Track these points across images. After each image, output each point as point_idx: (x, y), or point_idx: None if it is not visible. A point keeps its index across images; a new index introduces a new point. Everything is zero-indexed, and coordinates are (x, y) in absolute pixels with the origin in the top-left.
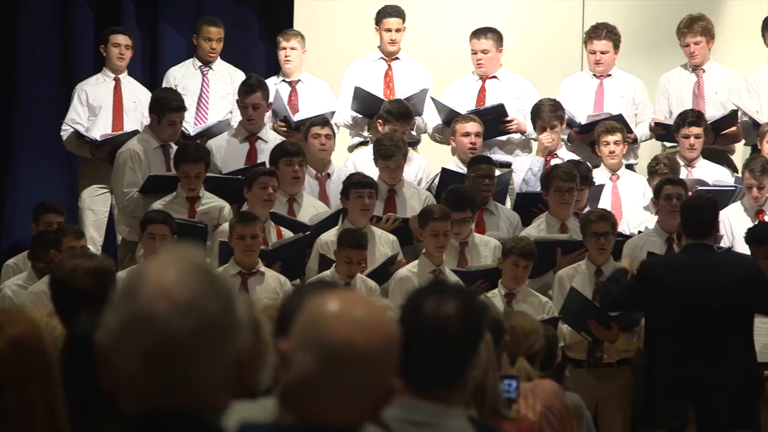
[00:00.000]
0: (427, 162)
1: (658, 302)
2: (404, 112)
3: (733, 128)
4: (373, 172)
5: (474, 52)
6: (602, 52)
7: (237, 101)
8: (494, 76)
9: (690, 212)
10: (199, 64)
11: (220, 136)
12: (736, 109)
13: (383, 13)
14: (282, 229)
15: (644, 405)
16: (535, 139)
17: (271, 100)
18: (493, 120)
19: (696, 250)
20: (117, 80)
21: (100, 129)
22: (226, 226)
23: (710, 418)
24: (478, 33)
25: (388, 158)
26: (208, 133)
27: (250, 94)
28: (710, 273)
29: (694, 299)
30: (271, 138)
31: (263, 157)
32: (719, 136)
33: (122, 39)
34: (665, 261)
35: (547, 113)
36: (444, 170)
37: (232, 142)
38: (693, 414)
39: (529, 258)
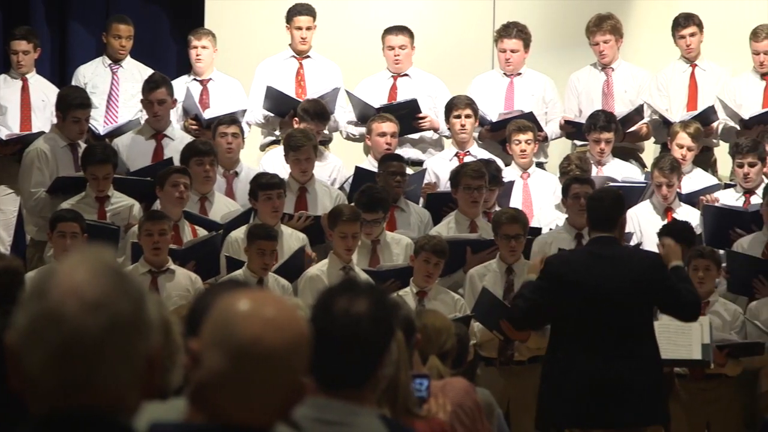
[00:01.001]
0: (342, 163)
1: (562, 297)
2: (320, 111)
3: (642, 126)
4: (285, 172)
5: (391, 48)
6: (512, 51)
7: (141, 100)
8: (406, 74)
9: (594, 205)
10: (109, 62)
11: (126, 134)
12: (642, 104)
13: (294, 12)
14: (197, 228)
15: (548, 402)
16: (447, 137)
17: (182, 98)
18: (407, 116)
19: (600, 244)
20: (24, 80)
21: (8, 129)
22: (136, 226)
23: (618, 414)
24: (394, 30)
25: (298, 149)
26: (119, 132)
27: (155, 90)
28: (613, 266)
29: (596, 293)
30: (177, 135)
31: (170, 154)
32: (628, 134)
33: (23, 45)
34: (569, 255)
35: (463, 102)
36: (357, 169)
37: (138, 139)
38: (599, 411)
39: (441, 255)
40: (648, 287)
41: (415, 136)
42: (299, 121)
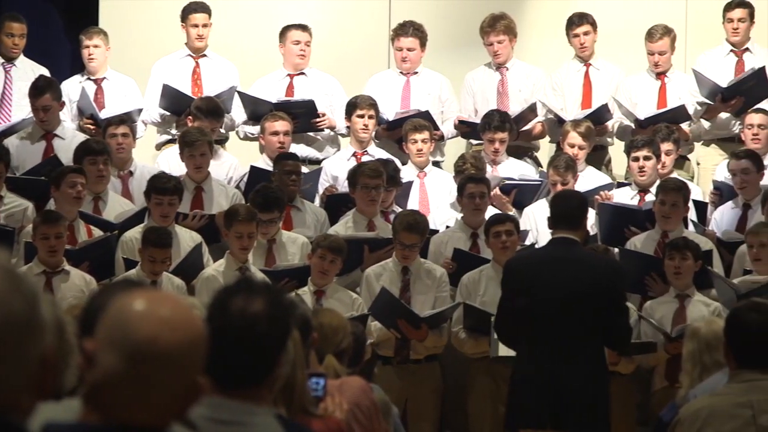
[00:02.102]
0: (238, 162)
1: (518, 298)
2: (214, 109)
3: (537, 125)
4: (181, 171)
5: (296, 42)
6: (409, 50)
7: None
8: (302, 73)
9: (559, 204)
10: (2, 60)
11: (12, 136)
12: (536, 102)
13: (189, 9)
14: (93, 228)
15: (507, 405)
16: (344, 135)
17: (76, 97)
18: (303, 115)
19: (563, 245)
20: None
21: None
22: (30, 227)
23: (566, 417)
24: (299, 26)
25: (192, 145)
26: (12, 131)
27: (39, 96)
28: (574, 270)
29: (555, 295)
30: (68, 135)
31: (62, 154)
32: (523, 133)
33: None
34: (530, 256)
35: (366, 102)
36: (252, 168)
37: (25, 142)
38: (551, 414)
39: (337, 252)
40: (604, 294)
41: (312, 134)
42: (193, 119)
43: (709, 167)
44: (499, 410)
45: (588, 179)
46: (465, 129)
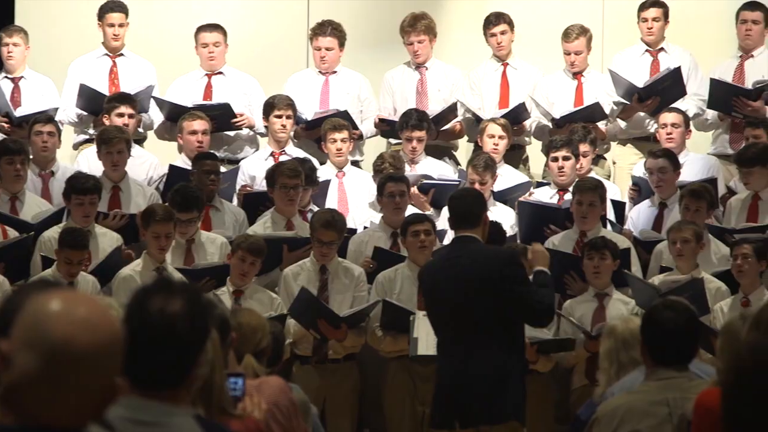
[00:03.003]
0: (158, 161)
1: (427, 299)
2: (126, 97)
3: (456, 124)
4: (100, 170)
5: (204, 45)
6: (327, 49)
7: None
8: (220, 72)
9: (457, 204)
10: None
11: None
12: (455, 102)
13: (105, 9)
14: (8, 228)
15: (433, 406)
16: (262, 134)
17: None
18: (221, 116)
19: (461, 243)
20: None
21: None
22: None
23: (476, 414)
24: (207, 27)
25: (109, 142)
26: None
27: None
28: (464, 265)
29: (451, 293)
30: None
31: None
32: (442, 132)
33: None
34: (434, 256)
35: (284, 102)
36: (171, 167)
37: None
38: (456, 411)
39: (257, 254)
40: (499, 285)
41: (231, 133)
42: (107, 112)
43: (625, 166)
44: (416, 409)
45: (506, 178)
46: (384, 128)
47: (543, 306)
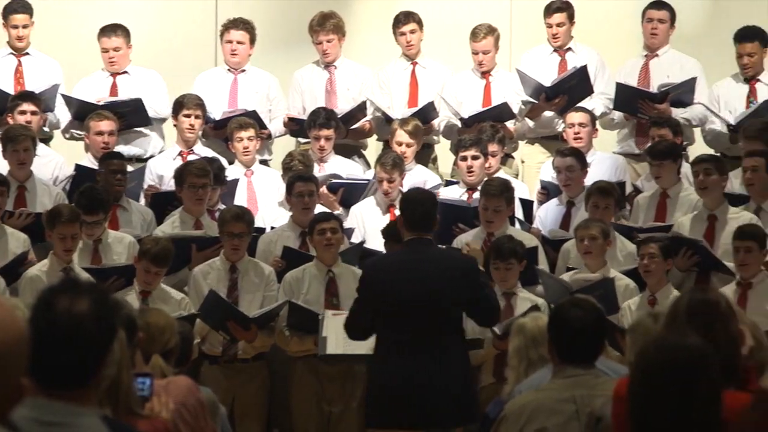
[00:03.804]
0: (64, 160)
1: (380, 300)
2: (30, 94)
3: (365, 123)
4: (5, 170)
5: (105, 50)
6: (239, 42)
7: None
8: (125, 72)
9: (412, 207)
10: None
11: None
12: (364, 101)
13: (9, 9)
14: None
15: (370, 401)
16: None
17: None
18: (133, 113)
19: (416, 245)
20: None
21: None
22: None
23: (428, 416)
24: (107, 31)
25: (15, 140)
26: None
27: None
28: (428, 269)
29: (410, 295)
30: None
31: None
32: (351, 131)
33: None
34: (385, 258)
35: (193, 101)
36: (78, 167)
37: None
38: (412, 412)
39: (162, 264)
40: (459, 290)
41: (140, 131)
42: (10, 111)
43: (533, 165)
44: (322, 409)
45: (416, 177)
46: (294, 127)
47: (497, 305)
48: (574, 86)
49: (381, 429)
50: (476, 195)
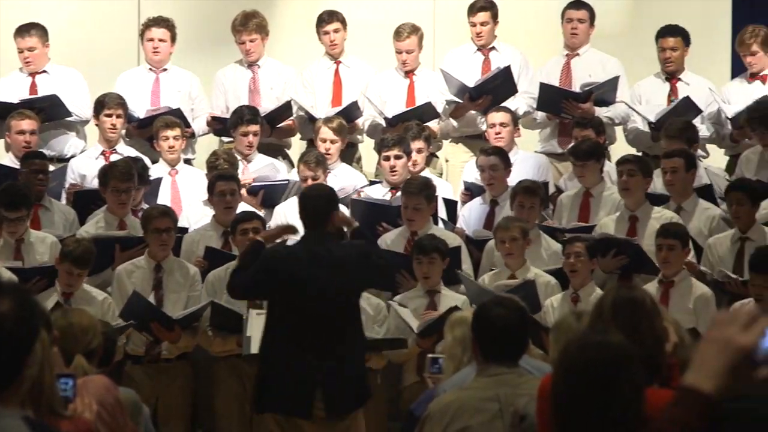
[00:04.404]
0: None
1: (277, 291)
2: None
3: (289, 122)
4: None
5: (20, 51)
6: (160, 40)
7: None
8: (44, 71)
9: (308, 203)
10: None
11: None
12: (288, 100)
13: None
14: None
15: (264, 390)
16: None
17: None
18: (51, 107)
19: (311, 241)
20: None
21: None
22: None
23: (335, 402)
24: (22, 30)
25: None
26: None
27: None
28: (325, 262)
29: (310, 289)
30: None
31: None
32: (275, 130)
33: None
34: (286, 251)
35: (114, 101)
36: None
37: None
38: (314, 402)
39: (84, 265)
40: (358, 276)
41: (62, 130)
42: None
43: (457, 164)
44: (245, 409)
45: (341, 176)
46: (217, 126)
47: (381, 264)
48: (498, 86)
49: (269, 413)
50: (399, 194)
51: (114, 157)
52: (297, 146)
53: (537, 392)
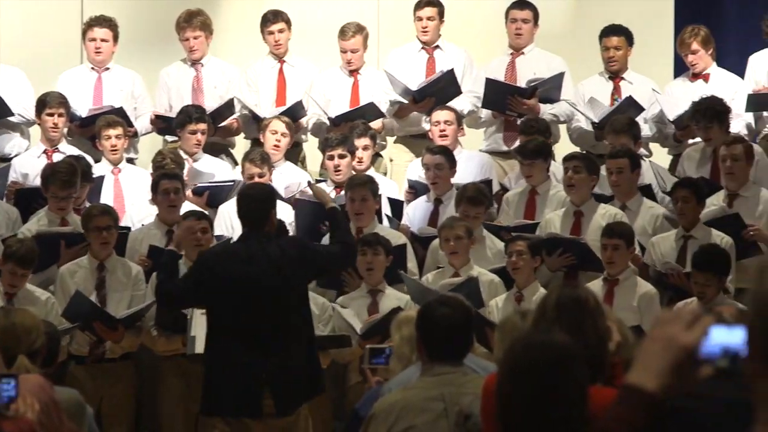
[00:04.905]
0: None
1: (217, 293)
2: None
3: (233, 121)
4: None
5: None
6: (102, 40)
7: None
8: None
9: (246, 202)
10: None
11: None
12: (232, 99)
13: None
14: None
15: (212, 391)
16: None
17: None
18: None
19: (251, 239)
20: None
21: None
22: None
23: (284, 398)
24: None
25: None
26: None
27: None
28: (265, 260)
29: (252, 288)
30: None
31: None
32: (219, 129)
33: None
34: (223, 250)
35: (56, 100)
36: None
37: None
38: (261, 401)
39: (27, 265)
40: (300, 268)
41: (2, 129)
42: None
43: (402, 163)
44: (190, 409)
45: (285, 174)
46: (161, 125)
47: (350, 241)
48: (442, 88)
49: (218, 416)
50: (343, 193)
51: (57, 156)
52: (241, 145)
53: (481, 391)
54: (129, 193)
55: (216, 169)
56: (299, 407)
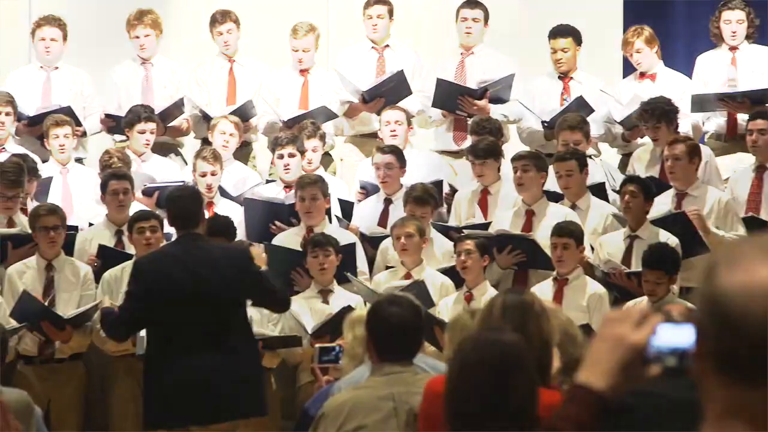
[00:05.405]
0: None
1: (154, 298)
2: None
3: (183, 121)
4: None
5: None
6: (52, 39)
7: None
8: None
9: (174, 203)
10: None
11: None
12: (182, 98)
13: None
14: None
15: (152, 401)
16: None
17: None
18: None
19: (186, 241)
20: None
21: None
22: None
23: (218, 411)
24: None
25: None
26: None
27: None
28: (204, 263)
29: (189, 291)
30: None
31: None
32: (169, 128)
33: None
34: (160, 254)
35: (3, 99)
36: None
37: None
38: (202, 408)
39: None
40: (239, 281)
41: None
42: None
43: (352, 163)
44: (140, 410)
45: (234, 173)
46: (110, 124)
47: (284, 292)
48: (392, 88)
49: (162, 430)
50: (292, 193)
51: (2, 156)
52: (191, 145)
53: (423, 390)
54: (77, 192)
55: (165, 169)
56: (237, 418)
